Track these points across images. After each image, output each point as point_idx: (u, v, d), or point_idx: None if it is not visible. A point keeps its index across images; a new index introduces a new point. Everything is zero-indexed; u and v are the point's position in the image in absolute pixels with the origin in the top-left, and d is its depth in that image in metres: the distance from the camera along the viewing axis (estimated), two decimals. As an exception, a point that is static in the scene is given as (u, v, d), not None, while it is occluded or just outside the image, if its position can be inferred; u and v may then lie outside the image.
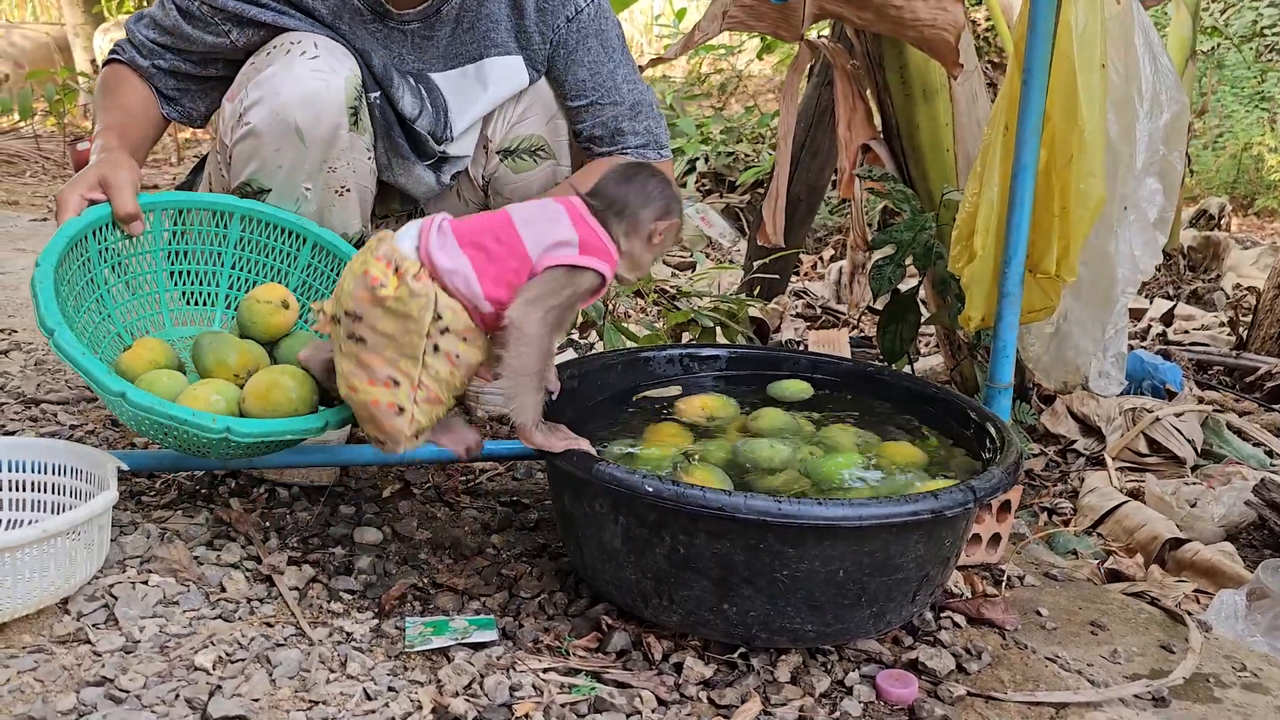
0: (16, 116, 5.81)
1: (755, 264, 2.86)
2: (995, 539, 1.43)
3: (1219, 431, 2.13)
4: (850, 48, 2.35)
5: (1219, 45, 5.82)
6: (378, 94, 1.54)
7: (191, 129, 5.60)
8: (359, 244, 1.55)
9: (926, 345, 2.78)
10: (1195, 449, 2.09)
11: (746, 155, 4.35)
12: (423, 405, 1.17)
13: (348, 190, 1.49)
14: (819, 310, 3.10)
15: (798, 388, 1.52)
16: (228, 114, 1.47)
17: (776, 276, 2.94)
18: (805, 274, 3.63)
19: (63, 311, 1.24)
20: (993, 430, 1.29)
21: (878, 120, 2.34)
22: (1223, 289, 3.44)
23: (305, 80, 1.40)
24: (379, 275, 1.13)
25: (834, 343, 2.59)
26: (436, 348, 1.15)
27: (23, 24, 10.28)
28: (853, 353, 2.74)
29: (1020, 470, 1.21)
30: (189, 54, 1.55)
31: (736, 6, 2.10)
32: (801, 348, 2.69)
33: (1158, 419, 2.09)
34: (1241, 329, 2.67)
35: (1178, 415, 2.11)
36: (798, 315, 3.08)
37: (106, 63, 1.60)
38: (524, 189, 1.67)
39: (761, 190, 4.07)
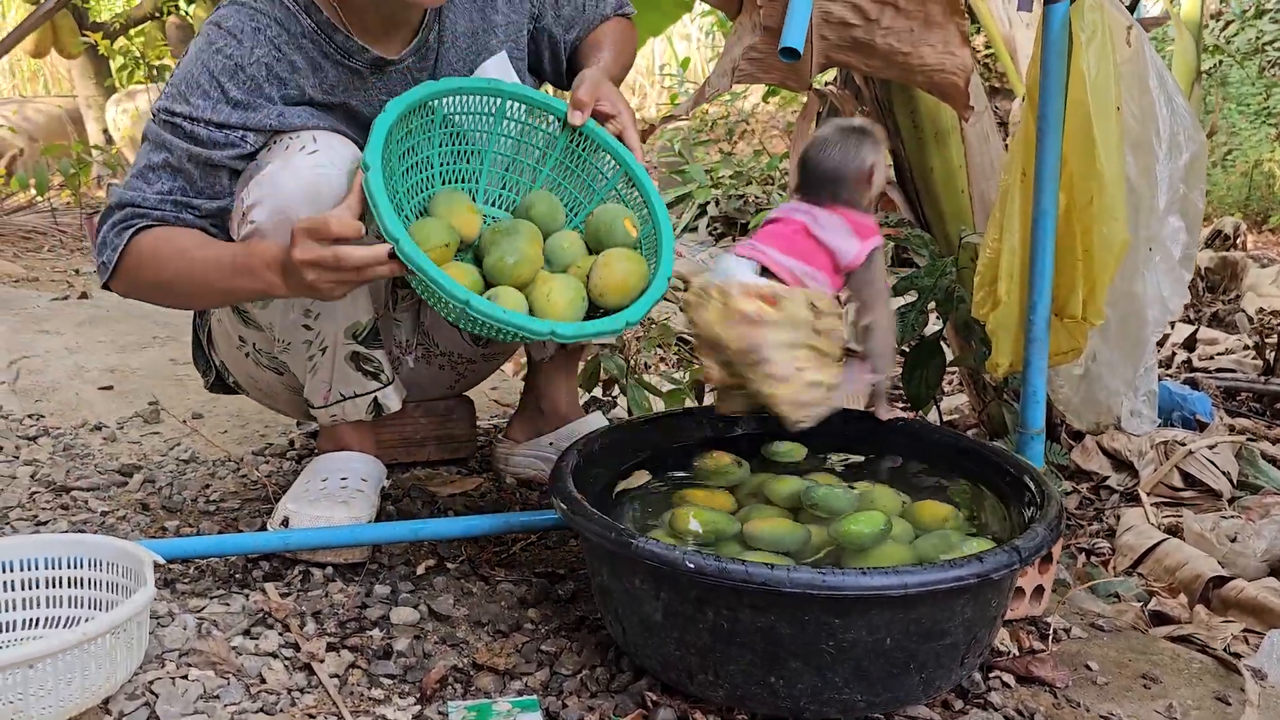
0: (34, 191, 5.88)
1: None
2: (1039, 590, 1.41)
3: (1254, 461, 2.11)
4: (858, 93, 2.36)
5: (1221, 62, 5.84)
6: None
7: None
8: (369, 335, 1.57)
9: (950, 385, 2.77)
10: (1231, 481, 2.07)
11: (757, 197, 4.37)
12: (825, 371, 1.30)
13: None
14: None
15: (789, 449, 1.51)
16: (233, 211, 1.48)
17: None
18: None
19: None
20: (1031, 484, 1.28)
21: (889, 162, 2.35)
22: (1244, 310, 3.41)
23: (305, 175, 1.41)
24: (754, 309, 1.25)
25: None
26: (817, 331, 1.29)
27: (35, 98, 10.44)
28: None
29: (1062, 524, 1.19)
30: (213, 189, 1.48)
31: (745, 60, 2.10)
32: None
33: (1190, 452, 2.07)
34: (1268, 353, 2.64)
35: (1211, 447, 2.08)
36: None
37: (118, 238, 1.45)
38: None
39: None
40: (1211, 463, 2.07)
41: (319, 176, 1.41)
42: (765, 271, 1.32)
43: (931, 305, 1.94)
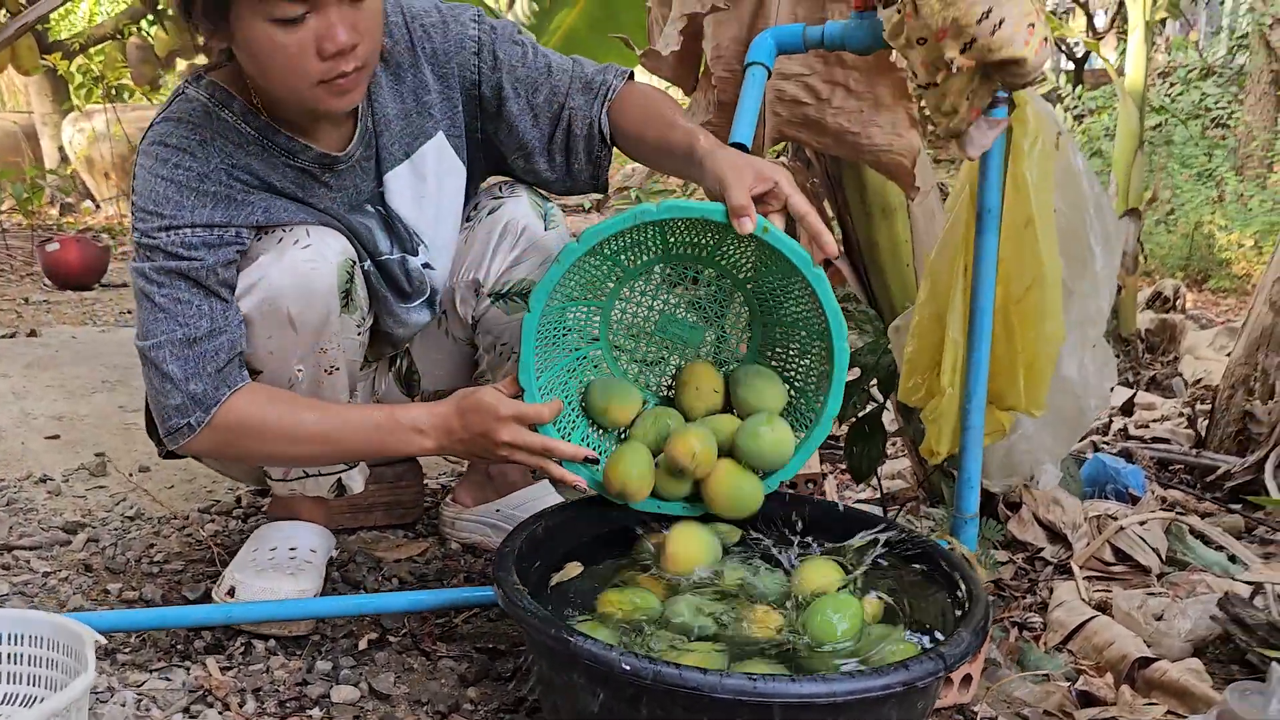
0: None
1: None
2: (966, 679, 1.45)
3: (1182, 538, 2.17)
4: (809, 164, 2.42)
5: (1166, 121, 6.01)
6: (368, 262, 1.57)
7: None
8: None
9: (893, 447, 2.82)
10: (1160, 556, 2.13)
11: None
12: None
13: (337, 369, 1.52)
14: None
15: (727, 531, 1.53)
16: None
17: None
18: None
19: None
20: (961, 584, 1.32)
21: (838, 232, 2.41)
22: (1181, 375, 3.51)
23: (297, 269, 1.43)
24: None
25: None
26: None
27: (-10, 112, 10.29)
28: (821, 454, 2.78)
29: (989, 626, 1.24)
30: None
31: (700, 134, 2.16)
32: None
33: (1122, 528, 2.13)
34: (1201, 424, 2.73)
35: (1141, 523, 2.15)
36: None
37: (215, 390, 1.40)
38: (514, 330, 1.70)
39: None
40: (1142, 539, 2.14)
41: (311, 271, 1.43)
42: None
43: (874, 382, 1.99)
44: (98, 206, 8.42)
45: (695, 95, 2.11)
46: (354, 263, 1.52)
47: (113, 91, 8.29)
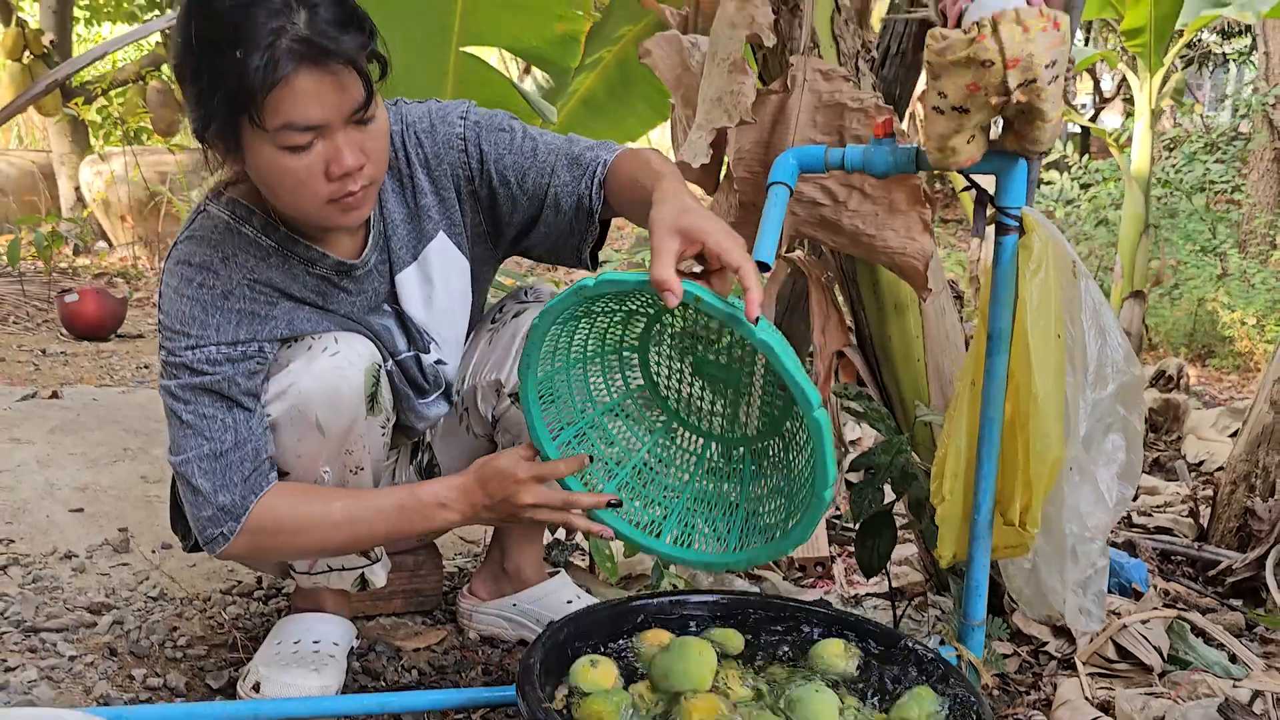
0: (4, 260, 5.89)
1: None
2: (974, 793, 1.48)
3: (1184, 636, 2.21)
4: (823, 258, 2.48)
5: (1170, 193, 6.09)
6: (390, 363, 1.62)
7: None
8: None
9: (902, 534, 2.86)
10: (1162, 655, 2.17)
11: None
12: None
13: (363, 469, 1.57)
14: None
15: (727, 637, 1.55)
16: None
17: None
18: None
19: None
20: (970, 699, 1.36)
21: (851, 323, 2.47)
22: (1184, 457, 3.56)
23: (326, 376, 1.48)
24: (1052, 23, 1.33)
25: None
26: None
27: (8, 150, 10.44)
28: (829, 535, 2.82)
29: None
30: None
31: (718, 233, 2.22)
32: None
33: (1125, 625, 2.17)
34: (1203, 515, 2.77)
35: (1144, 621, 2.18)
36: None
37: (242, 500, 1.46)
38: (518, 424, 1.76)
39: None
40: (1144, 636, 2.17)
41: (340, 379, 1.49)
42: None
43: (887, 482, 2.04)
44: (111, 248, 8.52)
45: (717, 196, 2.18)
46: (379, 366, 1.57)
47: (131, 134, 8.41)
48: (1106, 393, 1.61)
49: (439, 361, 1.70)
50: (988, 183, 1.66)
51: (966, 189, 1.74)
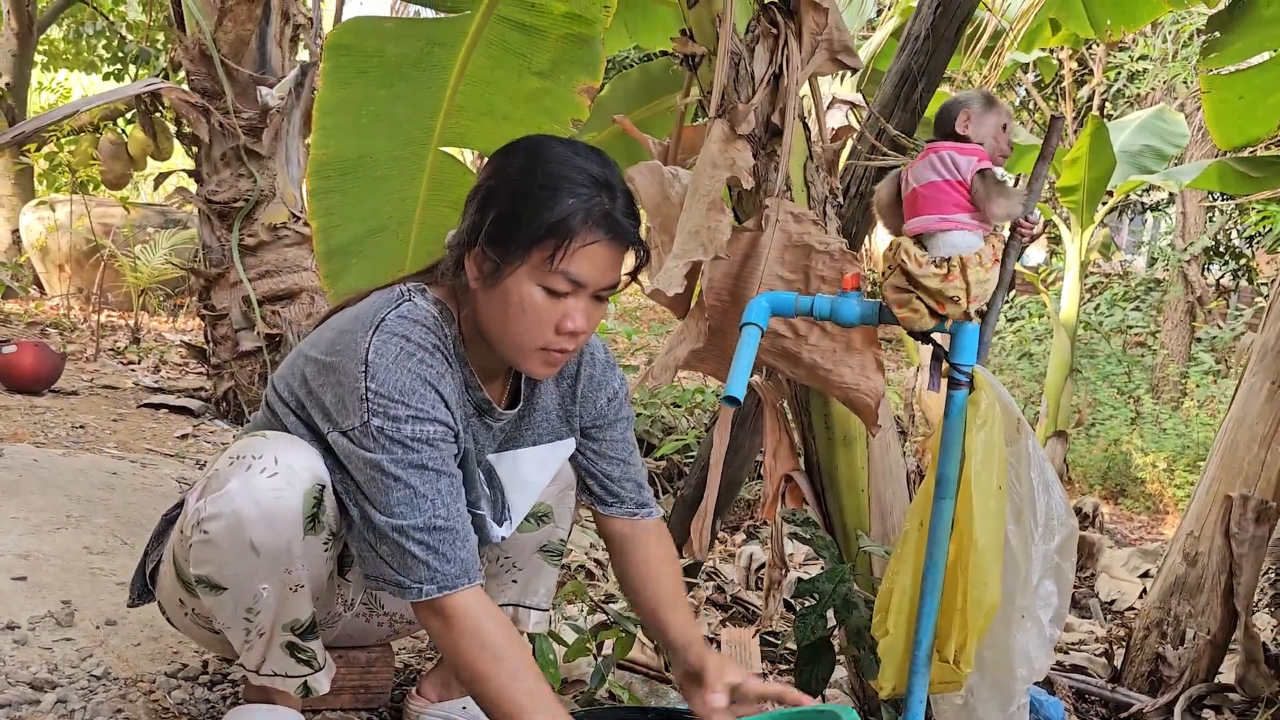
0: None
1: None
2: None
3: (1097, 777, 2.32)
4: (779, 385, 2.61)
5: (1092, 335, 6.41)
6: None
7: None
8: (307, 629, 1.62)
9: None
10: (1076, 793, 2.27)
11: (663, 418, 4.61)
12: None
13: (302, 587, 1.58)
14: (728, 599, 3.26)
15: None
16: (189, 512, 1.55)
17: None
18: (716, 552, 3.81)
19: None
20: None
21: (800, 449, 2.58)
22: (1097, 595, 3.72)
23: (263, 499, 1.49)
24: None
25: (744, 646, 2.74)
26: None
27: (-54, 188, 10.23)
28: (763, 652, 2.89)
29: None
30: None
31: (688, 355, 2.33)
32: (714, 645, 2.83)
33: (1043, 762, 2.27)
34: (1116, 655, 2.90)
35: (1060, 760, 2.29)
36: (710, 602, 3.23)
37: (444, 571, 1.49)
38: (518, 546, 1.86)
39: (679, 458, 4.28)
40: (1060, 775, 2.27)
41: (276, 500, 1.49)
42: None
43: (830, 609, 2.13)
44: (43, 294, 8.37)
45: (687, 321, 2.29)
46: (323, 487, 1.55)
47: (79, 184, 8.34)
48: (1053, 545, 1.73)
49: (503, 537, 1.77)
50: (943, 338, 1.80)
51: (922, 340, 1.88)
